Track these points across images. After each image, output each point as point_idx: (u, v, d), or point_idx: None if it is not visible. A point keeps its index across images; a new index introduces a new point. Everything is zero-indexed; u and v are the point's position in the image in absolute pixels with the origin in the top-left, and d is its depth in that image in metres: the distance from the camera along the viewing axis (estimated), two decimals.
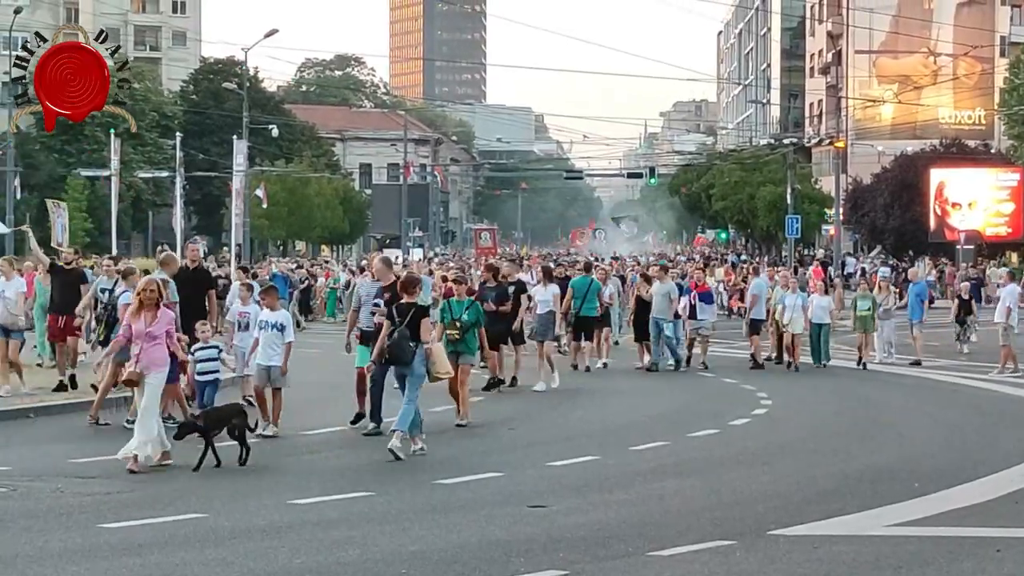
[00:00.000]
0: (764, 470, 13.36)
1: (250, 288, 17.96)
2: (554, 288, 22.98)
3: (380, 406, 15.37)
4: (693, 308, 25.31)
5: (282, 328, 15.45)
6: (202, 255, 27.00)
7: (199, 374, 15.61)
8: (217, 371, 15.80)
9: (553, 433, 16.45)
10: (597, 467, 13.49)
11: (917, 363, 26.33)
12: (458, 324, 17.23)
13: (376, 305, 15.60)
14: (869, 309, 26.40)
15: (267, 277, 29.98)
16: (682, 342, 25.47)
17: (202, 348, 15.75)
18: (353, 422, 16.07)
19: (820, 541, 9.79)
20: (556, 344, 24.29)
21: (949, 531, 10.29)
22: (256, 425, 14.17)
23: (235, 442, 13.23)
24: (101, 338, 17.17)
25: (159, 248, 38.54)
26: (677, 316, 25.04)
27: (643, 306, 25.26)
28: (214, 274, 26.73)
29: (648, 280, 25.94)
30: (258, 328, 15.67)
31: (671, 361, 24.91)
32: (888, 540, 9.97)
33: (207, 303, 17.44)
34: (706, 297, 26.15)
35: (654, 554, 9.39)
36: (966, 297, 29.86)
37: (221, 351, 16.12)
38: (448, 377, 15.32)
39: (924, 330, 27.76)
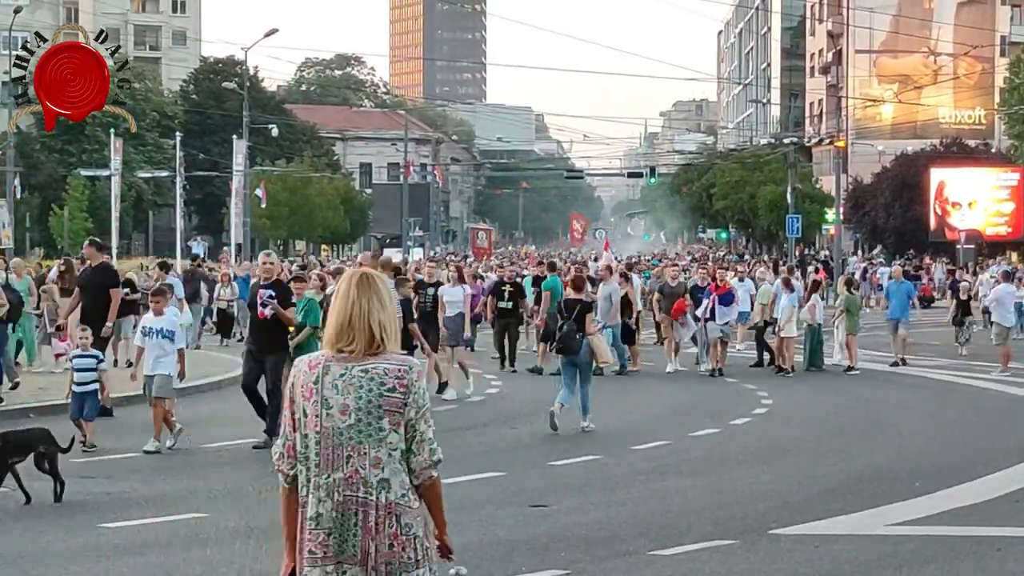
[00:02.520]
0: (765, 469, 13.35)
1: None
2: (464, 288, 21.52)
3: (264, 407, 14.67)
4: (713, 310, 23.90)
5: (171, 335, 14.28)
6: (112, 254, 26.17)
7: (76, 384, 14.23)
8: (96, 381, 14.34)
9: (553, 432, 16.44)
10: (598, 466, 13.50)
11: (896, 363, 25.44)
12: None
13: (271, 297, 14.69)
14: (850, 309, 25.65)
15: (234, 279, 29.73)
16: (705, 347, 24.34)
17: (80, 356, 14.47)
18: None
19: (821, 540, 9.79)
20: (471, 348, 23.78)
21: (949, 530, 10.28)
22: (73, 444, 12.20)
23: (50, 478, 11.34)
24: None
25: None
26: (697, 319, 24.12)
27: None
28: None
29: (593, 282, 24.75)
30: (142, 335, 14.43)
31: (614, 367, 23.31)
32: (889, 539, 9.97)
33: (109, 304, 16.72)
34: (726, 299, 24.54)
35: (656, 553, 9.39)
36: (964, 297, 29.67)
37: (101, 360, 14.71)
38: (608, 366, 19.21)
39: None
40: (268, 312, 14.57)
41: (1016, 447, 14.93)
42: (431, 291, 20.41)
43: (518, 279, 26.20)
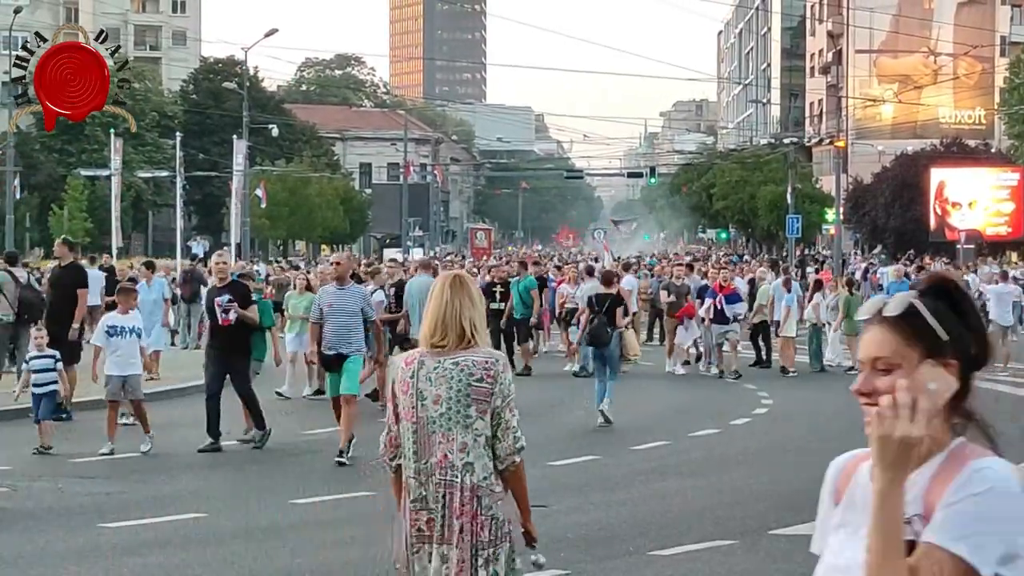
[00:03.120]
0: (765, 469, 13.36)
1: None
2: (379, 295, 19.95)
3: (218, 421, 14.32)
4: (719, 312, 23.28)
5: (140, 332, 14.19)
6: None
7: (34, 385, 14.15)
8: (54, 382, 14.22)
9: (553, 432, 16.44)
10: (598, 466, 13.50)
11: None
12: None
13: (231, 302, 14.26)
14: (845, 313, 25.34)
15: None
16: (714, 349, 23.94)
17: (37, 357, 14.32)
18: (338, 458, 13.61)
19: None
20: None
21: None
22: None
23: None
24: None
25: None
26: (701, 320, 23.81)
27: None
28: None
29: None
30: (107, 335, 14.03)
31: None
32: None
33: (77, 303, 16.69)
34: (732, 299, 23.93)
35: (655, 553, 9.40)
36: None
37: (59, 360, 14.46)
38: (636, 359, 19.73)
39: None
40: (232, 317, 14.12)
41: (1017, 447, 14.91)
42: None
43: (510, 280, 25.68)
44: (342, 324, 13.61)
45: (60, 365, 14.51)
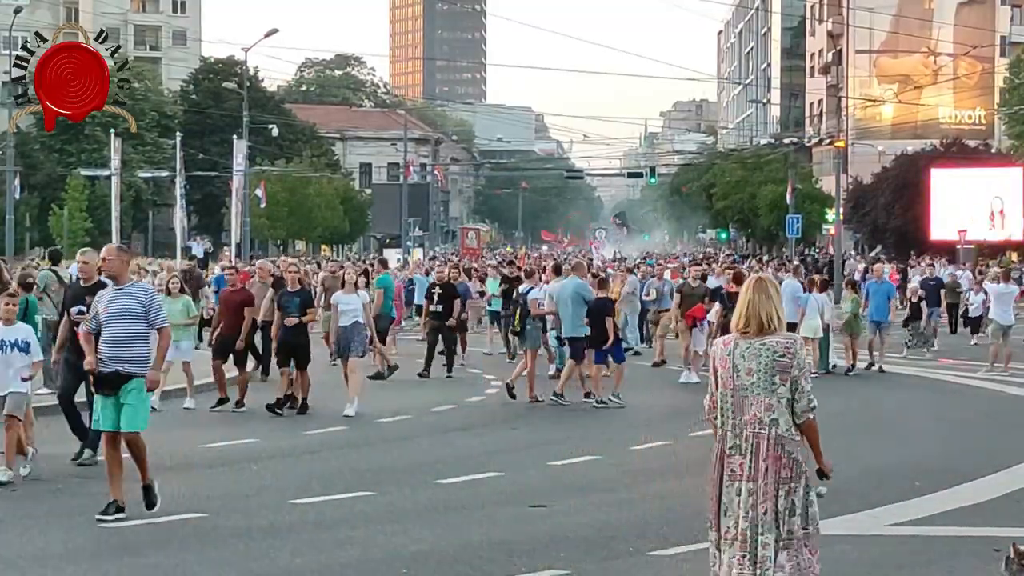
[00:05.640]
0: None
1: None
2: (363, 296, 19.07)
3: (84, 427, 12.84)
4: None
5: (25, 346, 12.45)
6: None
7: None
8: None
9: (553, 433, 16.44)
10: (598, 467, 13.49)
11: (869, 366, 24.48)
12: None
13: (80, 313, 12.15)
14: (852, 313, 24.60)
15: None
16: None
17: None
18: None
19: (821, 540, 9.77)
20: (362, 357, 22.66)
21: (950, 530, 10.28)
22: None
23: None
24: None
25: None
26: (710, 323, 22.35)
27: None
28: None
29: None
30: None
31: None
32: (889, 539, 9.97)
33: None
34: (723, 300, 21.96)
35: (655, 554, 9.40)
36: (915, 300, 28.46)
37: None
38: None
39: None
40: (82, 330, 11.43)
41: (1016, 447, 14.92)
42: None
43: (451, 281, 25.11)
44: (120, 334, 10.73)
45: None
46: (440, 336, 23.62)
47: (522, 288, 22.02)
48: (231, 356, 18.35)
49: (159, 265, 35.26)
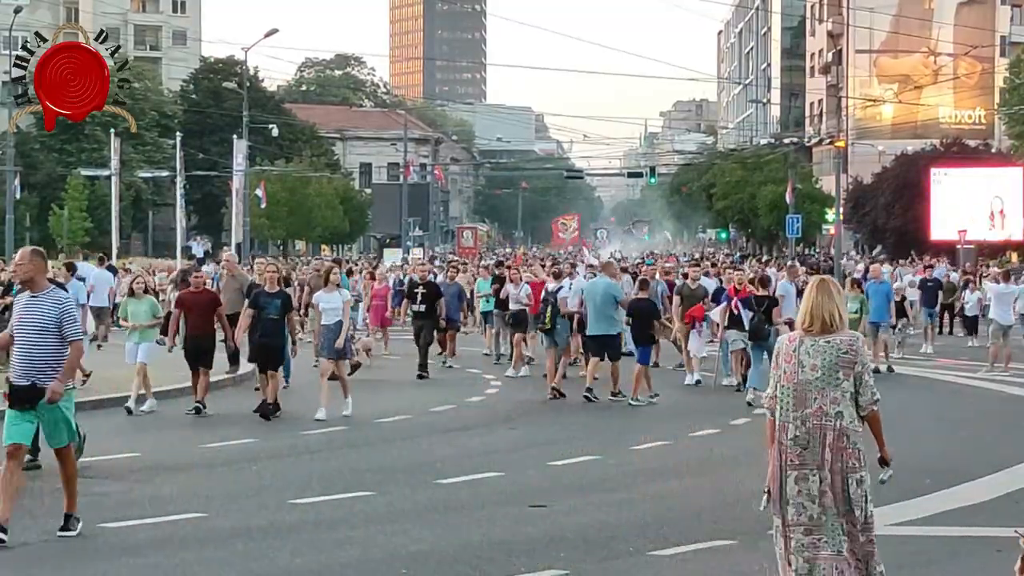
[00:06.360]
0: (765, 470, 13.30)
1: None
2: (345, 295, 18.49)
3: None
4: (736, 317, 20.47)
5: None
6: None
7: None
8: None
9: (553, 433, 16.44)
10: (598, 467, 13.48)
11: (875, 370, 23.34)
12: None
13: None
14: (857, 312, 23.60)
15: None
16: (729, 357, 21.66)
17: None
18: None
19: None
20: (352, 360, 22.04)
21: (950, 530, 10.28)
22: None
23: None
24: None
25: None
26: (715, 325, 21.55)
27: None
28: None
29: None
30: None
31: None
32: (889, 539, 9.94)
33: None
34: (749, 302, 20.52)
35: (655, 554, 9.39)
36: (897, 299, 27.74)
37: None
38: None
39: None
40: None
41: (1016, 447, 14.91)
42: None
43: (433, 280, 25.02)
44: (32, 344, 9.87)
45: None
46: (421, 335, 23.61)
47: (551, 286, 22.19)
48: (208, 360, 18.04)
49: (151, 267, 35.13)
